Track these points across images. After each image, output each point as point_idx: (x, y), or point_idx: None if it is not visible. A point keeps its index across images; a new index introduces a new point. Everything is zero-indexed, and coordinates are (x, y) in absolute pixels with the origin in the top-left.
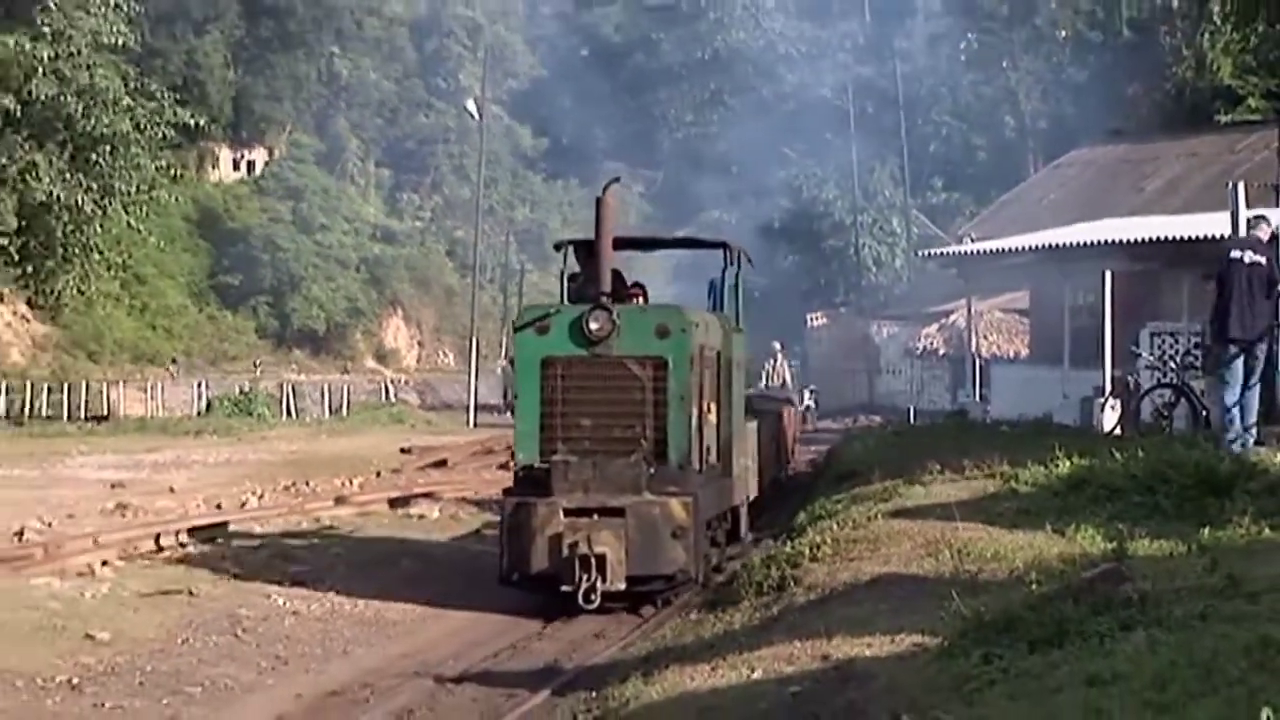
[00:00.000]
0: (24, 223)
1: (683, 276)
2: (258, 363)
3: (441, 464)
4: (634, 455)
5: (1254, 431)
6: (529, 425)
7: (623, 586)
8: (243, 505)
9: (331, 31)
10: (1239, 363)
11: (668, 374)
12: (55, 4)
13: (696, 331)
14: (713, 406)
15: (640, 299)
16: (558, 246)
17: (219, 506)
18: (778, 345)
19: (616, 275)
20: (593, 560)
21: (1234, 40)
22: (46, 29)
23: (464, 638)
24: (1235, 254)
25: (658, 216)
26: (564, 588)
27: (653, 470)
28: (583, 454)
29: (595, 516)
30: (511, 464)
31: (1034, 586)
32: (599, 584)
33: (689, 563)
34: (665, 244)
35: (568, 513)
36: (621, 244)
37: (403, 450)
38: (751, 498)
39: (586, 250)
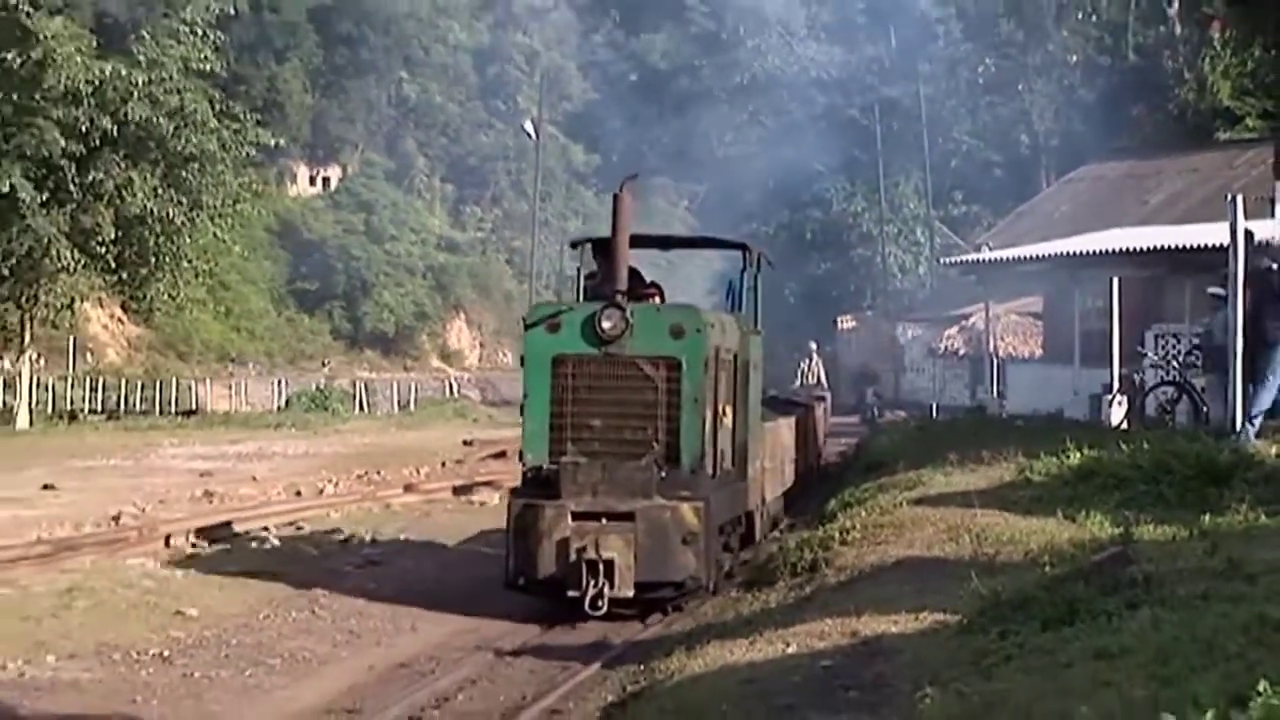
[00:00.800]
0: (120, 234)
1: (722, 283)
2: (326, 362)
3: (501, 455)
4: (645, 458)
5: (1256, 423)
6: (538, 425)
7: (631, 593)
8: (320, 493)
9: (400, 58)
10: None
11: (681, 375)
12: (149, 34)
13: (712, 332)
14: (728, 409)
15: (657, 299)
16: (574, 245)
17: (298, 494)
18: (813, 345)
19: (634, 274)
20: (600, 566)
21: (1232, 65)
22: (141, 57)
23: (520, 615)
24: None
25: (701, 228)
26: (570, 593)
27: (664, 474)
28: (592, 456)
29: (604, 521)
30: (521, 464)
31: (1047, 568)
32: (606, 590)
33: (699, 569)
34: (683, 243)
35: (575, 516)
36: (638, 242)
37: (465, 442)
38: (772, 498)
39: (603, 248)
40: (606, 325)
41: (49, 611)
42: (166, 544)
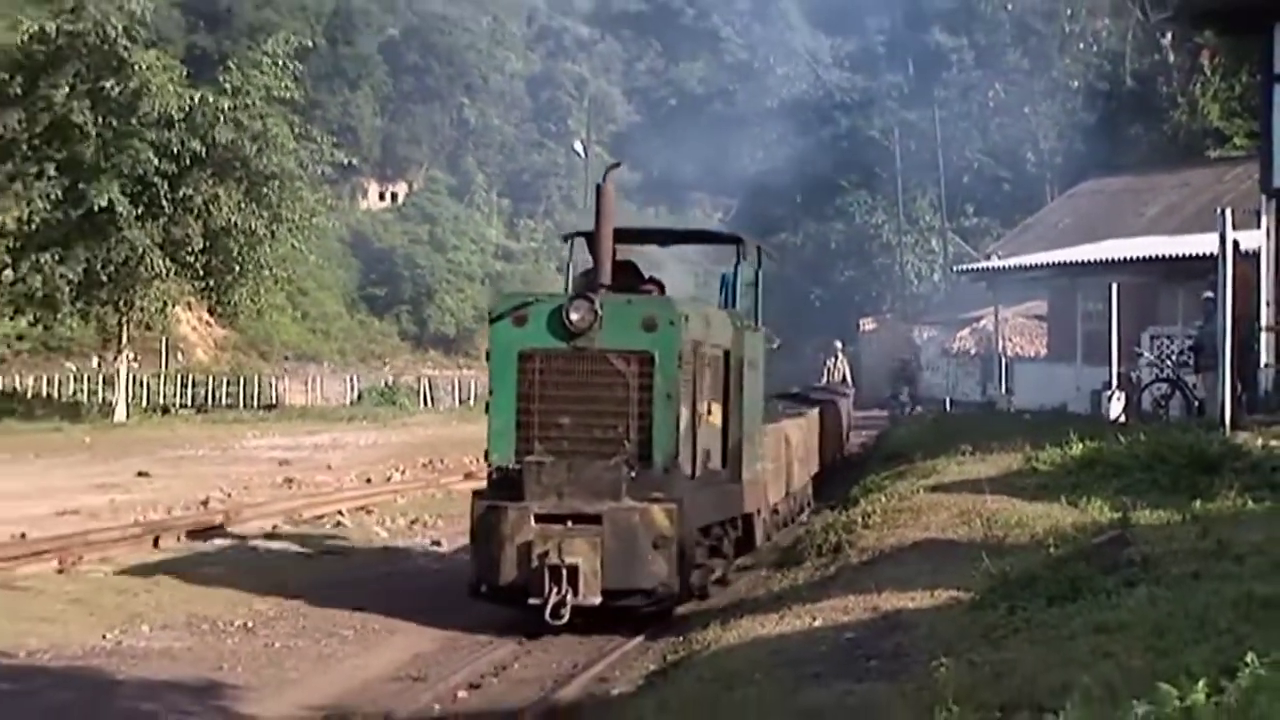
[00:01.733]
0: (208, 244)
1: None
2: (386, 361)
3: None
4: (615, 457)
5: None
6: (503, 423)
7: (597, 601)
8: (388, 479)
9: (462, 85)
10: None
11: (654, 370)
12: (234, 64)
13: (689, 325)
14: (714, 407)
15: (653, 294)
16: (565, 238)
17: (368, 480)
18: (838, 344)
19: (628, 267)
20: (564, 571)
21: (1221, 89)
22: (227, 85)
23: None
24: None
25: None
26: (532, 601)
27: (634, 474)
28: (561, 455)
29: (569, 524)
30: (486, 464)
31: (1051, 550)
32: (570, 598)
33: (671, 576)
34: (675, 237)
35: (539, 519)
36: (630, 237)
37: None
38: (784, 494)
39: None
40: (574, 317)
41: (144, 587)
42: (253, 528)
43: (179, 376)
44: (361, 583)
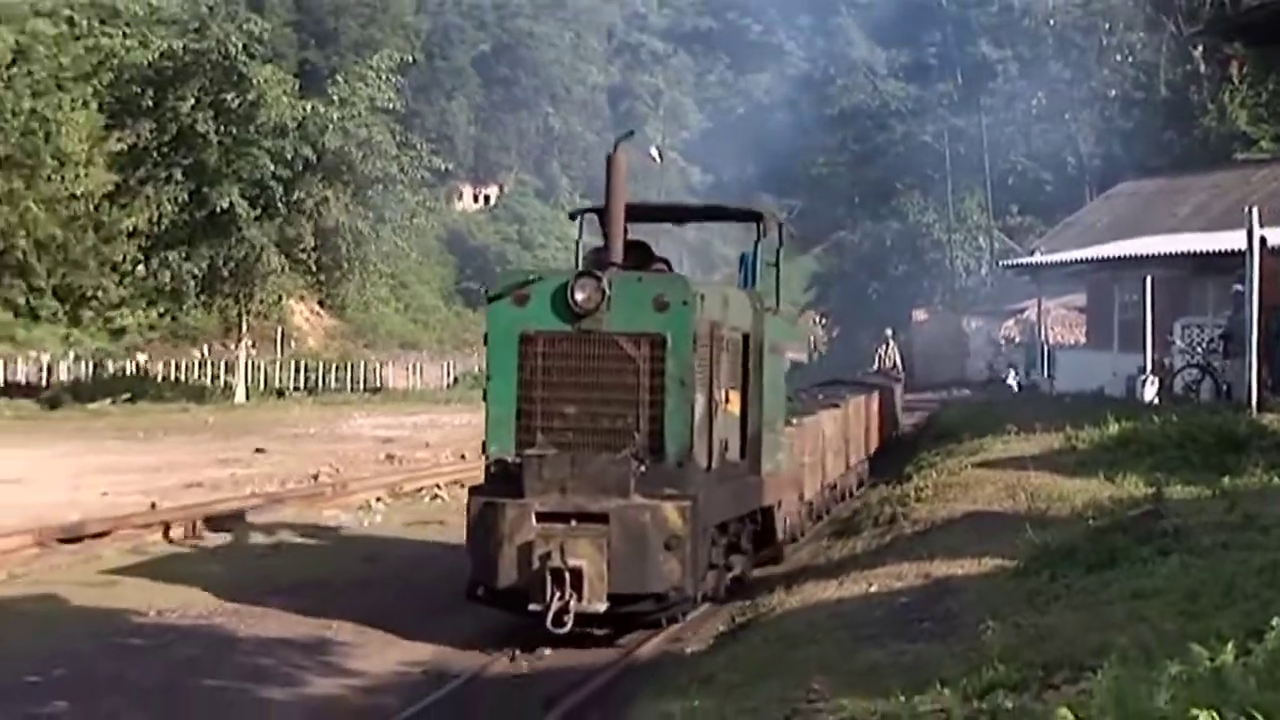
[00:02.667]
0: (319, 243)
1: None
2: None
3: None
4: (624, 450)
5: None
6: (503, 412)
7: (602, 607)
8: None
9: (547, 96)
10: None
11: (666, 354)
12: (342, 78)
13: (705, 306)
14: (733, 394)
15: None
16: (573, 215)
17: (463, 457)
18: (889, 333)
19: (642, 248)
20: (567, 575)
21: (1248, 96)
22: (335, 96)
23: None
24: None
25: (797, 235)
26: (533, 607)
27: (644, 468)
28: (565, 447)
29: (572, 522)
30: (484, 457)
31: (1090, 521)
32: (573, 604)
33: (684, 579)
34: (693, 214)
35: (540, 517)
36: (645, 214)
37: None
38: (824, 485)
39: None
40: (580, 297)
41: (260, 553)
42: (359, 500)
43: (292, 362)
44: (459, 549)
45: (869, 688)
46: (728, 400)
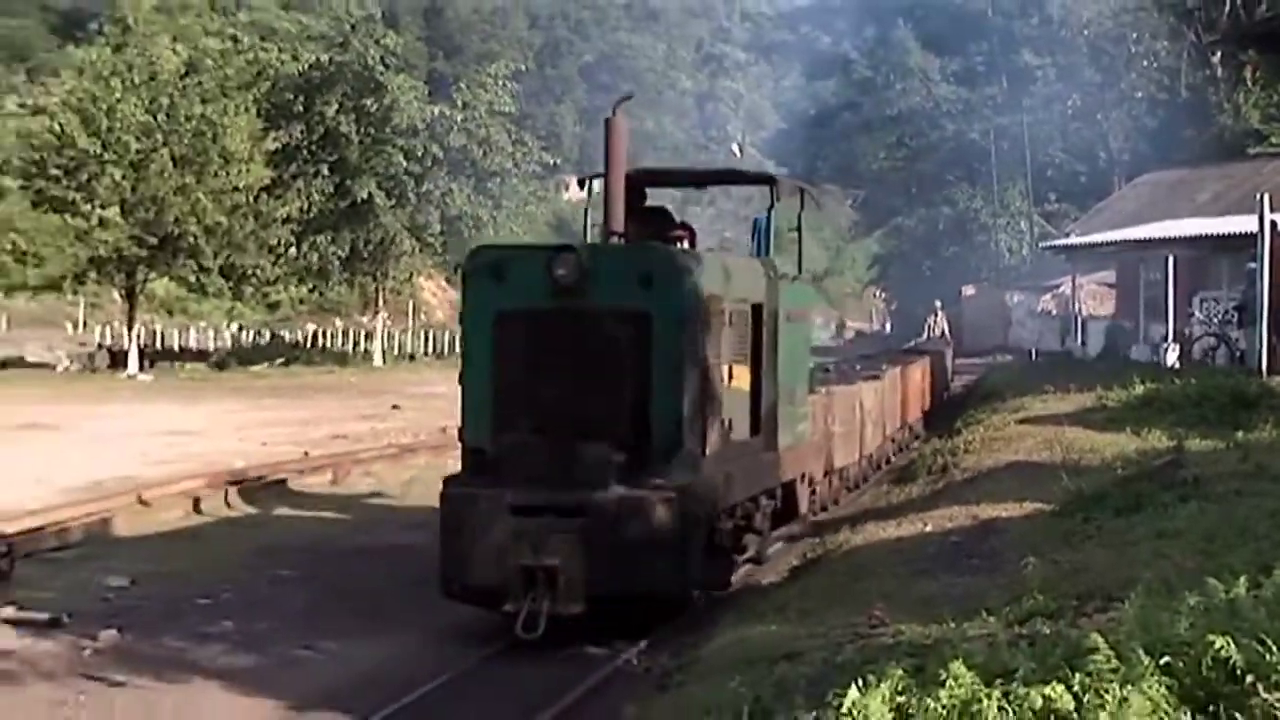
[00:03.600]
0: (444, 228)
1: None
2: None
3: None
4: (607, 437)
5: None
6: (480, 397)
7: (578, 609)
8: None
9: (645, 101)
10: None
11: (652, 332)
12: (464, 85)
13: (697, 277)
14: (739, 369)
15: (685, 243)
16: (581, 182)
17: None
18: (938, 304)
19: (661, 213)
20: (541, 574)
21: (1261, 97)
22: (459, 101)
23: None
24: None
25: (863, 222)
26: (507, 607)
27: (627, 456)
28: (546, 433)
29: (549, 516)
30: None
31: (1118, 471)
32: (546, 606)
33: (671, 578)
34: (708, 178)
35: (515, 510)
36: (653, 179)
37: None
38: (843, 464)
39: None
40: (560, 272)
41: (394, 493)
42: None
43: (423, 332)
44: None
45: (924, 615)
46: (732, 376)
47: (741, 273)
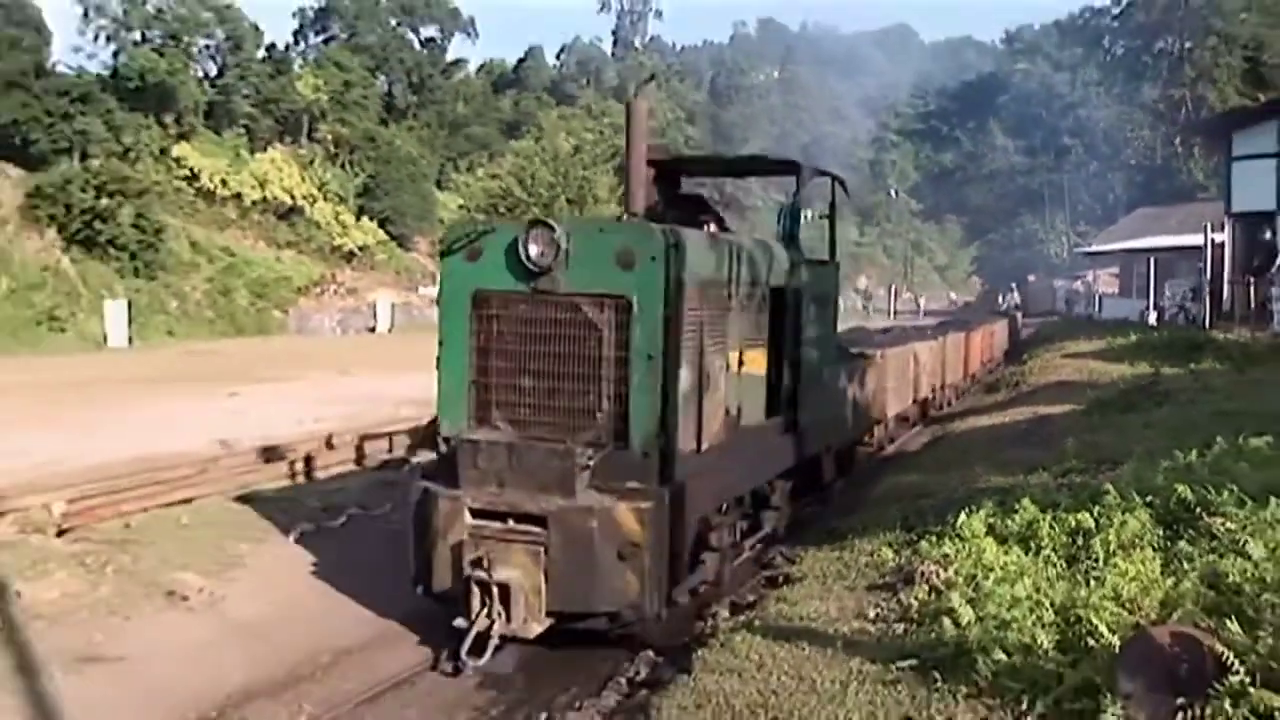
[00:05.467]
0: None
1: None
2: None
3: None
4: (581, 434)
5: None
6: (454, 381)
7: (537, 630)
8: None
9: (836, 164)
10: None
11: (631, 319)
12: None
13: (684, 260)
14: (753, 353)
15: (711, 226)
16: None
17: None
18: (1013, 285)
19: (692, 200)
20: (495, 590)
21: (1204, 164)
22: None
23: None
24: None
25: (968, 237)
26: (457, 622)
27: (596, 459)
28: (523, 427)
29: (510, 522)
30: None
31: (1120, 386)
32: (499, 624)
33: (642, 594)
34: (731, 165)
35: (475, 514)
36: (680, 165)
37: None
38: (897, 410)
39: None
40: (532, 251)
41: None
42: None
43: None
44: None
45: (1005, 472)
46: (743, 361)
47: (752, 255)
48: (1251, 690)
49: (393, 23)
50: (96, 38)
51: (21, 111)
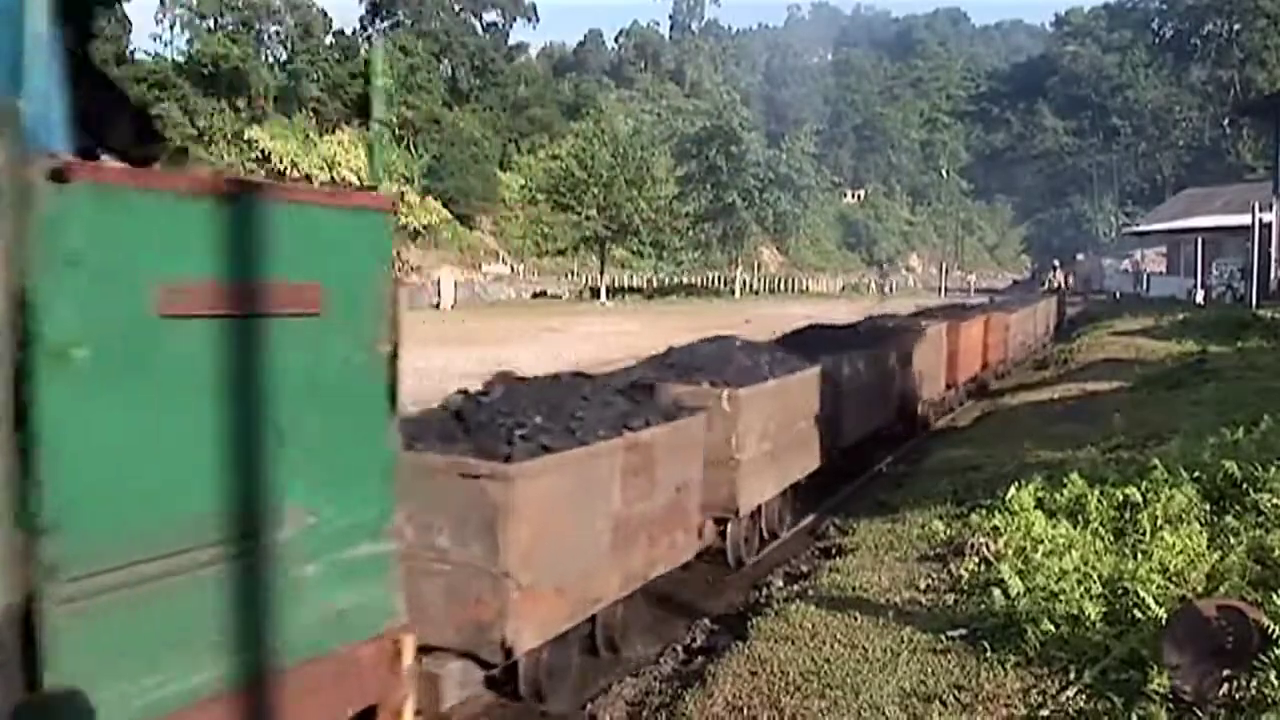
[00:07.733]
0: (776, 220)
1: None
2: (858, 279)
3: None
4: None
5: None
6: None
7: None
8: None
9: (886, 144)
10: None
11: None
12: (787, 137)
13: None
14: None
15: None
16: None
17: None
18: (1056, 264)
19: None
20: None
21: (1253, 145)
22: (785, 146)
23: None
24: None
25: (1018, 217)
26: None
27: None
28: None
29: None
30: None
31: (1167, 364)
32: None
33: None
34: None
35: None
36: None
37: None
38: (935, 395)
39: None
40: None
41: None
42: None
43: (763, 277)
44: None
45: (1053, 447)
46: None
47: None
48: None
49: (456, 8)
50: (173, 25)
51: None
